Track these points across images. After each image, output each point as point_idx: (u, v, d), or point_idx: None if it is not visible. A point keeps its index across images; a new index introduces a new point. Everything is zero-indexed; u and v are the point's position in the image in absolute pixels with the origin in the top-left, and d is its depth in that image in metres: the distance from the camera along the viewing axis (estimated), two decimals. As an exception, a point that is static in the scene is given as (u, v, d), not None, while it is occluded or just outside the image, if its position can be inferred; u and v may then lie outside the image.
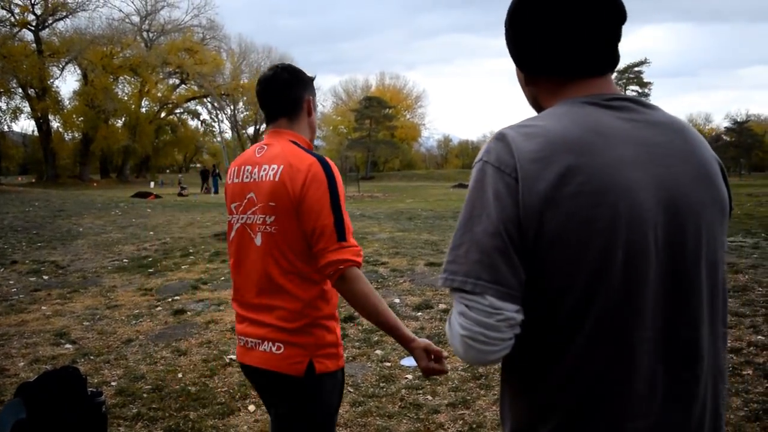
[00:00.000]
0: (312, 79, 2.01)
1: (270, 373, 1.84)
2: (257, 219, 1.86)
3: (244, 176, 1.92)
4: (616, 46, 1.15)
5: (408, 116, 71.49)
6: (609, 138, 1.06)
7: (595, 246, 1.02)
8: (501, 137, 1.08)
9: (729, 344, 4.52)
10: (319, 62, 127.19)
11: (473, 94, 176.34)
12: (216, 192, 32.50)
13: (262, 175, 1.86)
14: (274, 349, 1.83)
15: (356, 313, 3.94)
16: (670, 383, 1.07)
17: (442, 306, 5.85)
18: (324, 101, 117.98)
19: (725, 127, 59.61)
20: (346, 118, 64.60)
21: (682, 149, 1.11)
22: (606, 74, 1.16)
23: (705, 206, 1.10)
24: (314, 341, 1.83)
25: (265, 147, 1.93)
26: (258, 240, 1.86)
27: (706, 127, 73.83)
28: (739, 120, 57.89)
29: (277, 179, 1.81)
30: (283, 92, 1.93)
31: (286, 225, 1.80)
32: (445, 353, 1.86)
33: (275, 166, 1.83)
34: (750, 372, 4.06)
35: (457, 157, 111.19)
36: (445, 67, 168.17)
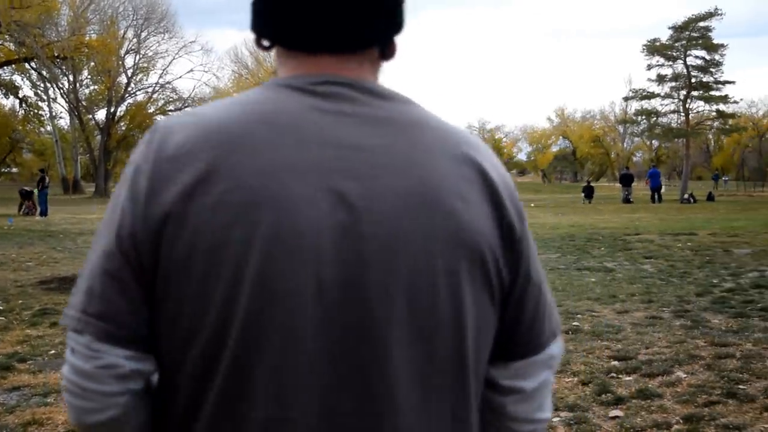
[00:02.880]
0: None
1: None
2: None
3: None
4: (369, 15, 1.23)
5: (352, 94, 72.18)
6: (286, 135, 1.16)
7: (223, 281, 1.12)
8: (154, 127, 1.23)
9: None
10: (209, 9, 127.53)
11: (452, 62, 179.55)
12: (44, 213, 31.62)
13: None
14: None
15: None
16: None
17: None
18: (219, 71, 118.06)
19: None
20: (254, 96, 64.44)
21: (402, 157, 1.18)
22: (342, 52, 1.24)
23: (419, 240, 1.15)
24: None
25: None
26: None
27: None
28: None
29: None
30: None
31: None
32: None
33: None
34: None
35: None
36: (408, 20, 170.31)
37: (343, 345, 1.14)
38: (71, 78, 63.64)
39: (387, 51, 1.29)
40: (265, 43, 1.27)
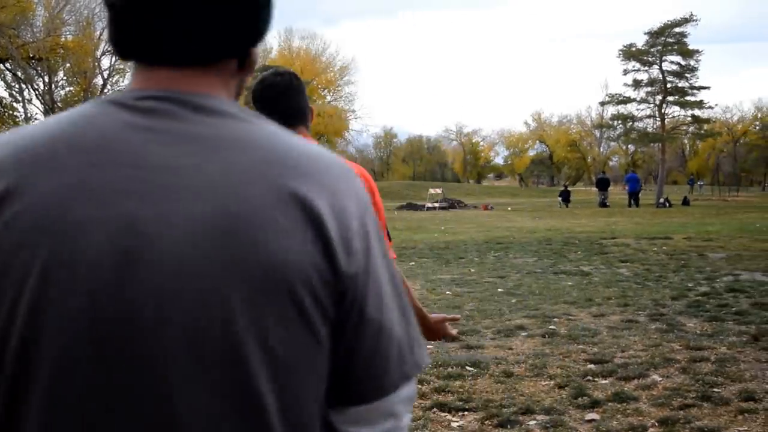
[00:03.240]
0: None
1: None
2: None
3: None
4: (215, 26, 1.15)
5: (329, 98, 72.01)
6: (87, 155, 1.10)
7: (5, 309, 1.07)
8: None
9: None
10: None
11: (429, 65, 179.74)
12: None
13: None
14: None
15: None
16: None
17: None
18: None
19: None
20: (231, 98, 63.88)
21: (209, 180, 1.09)
22: (184, 65, 1.17)
23: (213, 271, 1.07)
24: None
25: None
26: None
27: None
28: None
29: None
30: (302, 99, 2.91)
31: None
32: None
33: None
34: None
35: (404, 161, 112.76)
36: (383, 23, 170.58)
37: (122, 382, 1.05)
38: (47, 79, 63.07)
39: (245, 63, 1.22)
40: None
